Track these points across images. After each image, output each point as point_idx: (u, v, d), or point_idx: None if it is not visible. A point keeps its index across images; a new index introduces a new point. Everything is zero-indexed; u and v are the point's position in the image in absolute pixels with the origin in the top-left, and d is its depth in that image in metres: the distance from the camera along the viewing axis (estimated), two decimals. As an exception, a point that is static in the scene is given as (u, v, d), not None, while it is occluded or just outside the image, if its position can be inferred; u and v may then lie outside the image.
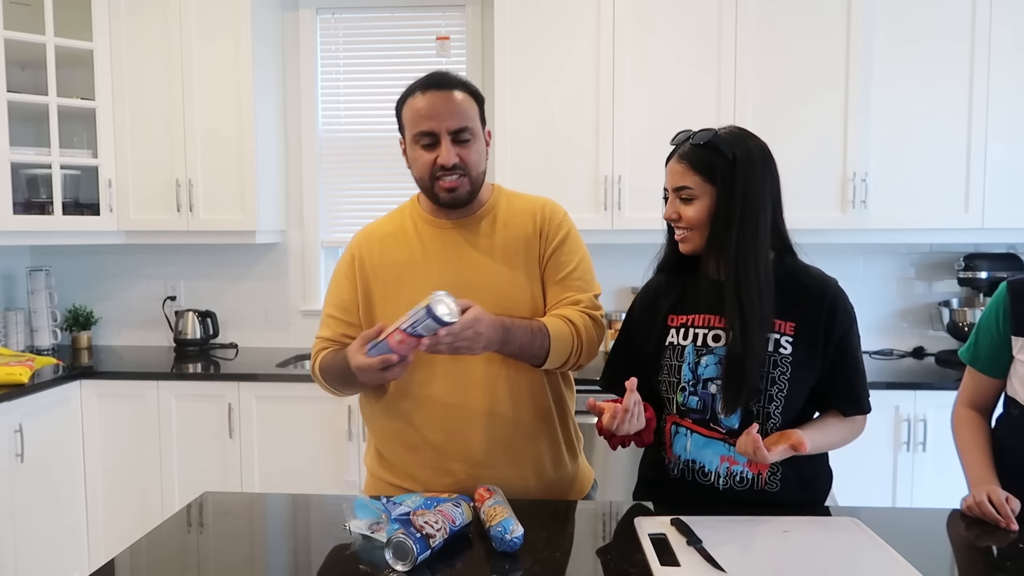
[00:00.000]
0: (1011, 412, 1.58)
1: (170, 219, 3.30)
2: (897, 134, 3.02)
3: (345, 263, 1.69)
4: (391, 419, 1.64)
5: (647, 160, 3.08)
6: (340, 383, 1.62)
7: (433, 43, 3.52)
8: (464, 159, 1.56)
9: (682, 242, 1.51)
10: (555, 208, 1.68)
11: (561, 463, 1.69)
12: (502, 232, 1.63)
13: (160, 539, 1.41)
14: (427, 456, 1.61)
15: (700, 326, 1.50)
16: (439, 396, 1.59)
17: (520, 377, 1.61)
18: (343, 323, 1.66)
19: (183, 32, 3.23)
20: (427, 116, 1.54)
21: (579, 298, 1.62)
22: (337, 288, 1.69)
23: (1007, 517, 1.38)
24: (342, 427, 2.97)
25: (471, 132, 1.57)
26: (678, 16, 3.04)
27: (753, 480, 1.47)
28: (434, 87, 1.56)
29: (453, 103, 1.55)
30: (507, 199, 1.69)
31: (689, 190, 1.46)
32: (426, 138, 1.55)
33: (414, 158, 1.60)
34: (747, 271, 1.41)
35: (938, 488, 2.76)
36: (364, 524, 1.38)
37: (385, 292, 1.63)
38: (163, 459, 3.04)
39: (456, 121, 1.55)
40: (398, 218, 1.71)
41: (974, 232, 3.05)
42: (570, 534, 1.40)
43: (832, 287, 1.48)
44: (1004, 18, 2.94)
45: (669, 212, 1.50)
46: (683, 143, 1.50)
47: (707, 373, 1.47)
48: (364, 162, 3.58)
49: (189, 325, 3.53)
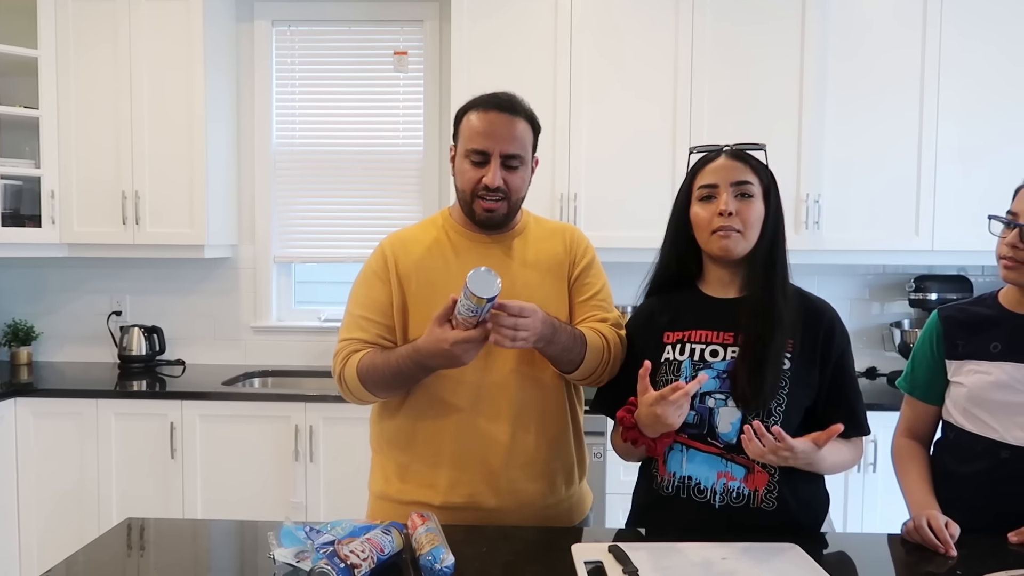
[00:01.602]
0: (948, 436, 1.59)
1: (115, 232, 3.20)
2: (850, 157, 3.05)
3: (377, 265, 1.66)
4: (415, 427, 1.62)
5: (604, 178, 3.08)
6: (387, 383, 1.57)
7: (391, 58, 3.48)
8: (508, 184, 1.58)
9: (724, 240, 1.44)
10: (580, 233, 1.75)
11: (572, 481, 1.70)
12: (534, 250, 1.67)
13: (73, 568, 1.33)
14: (446, 467, 1.60)
15: (697, 341, 1.49)
16: (464, 406, 1.59)
17: (545, 390, 1.63)
18: (379, 325, 1.63)
19: (133, 39, 3.15)
20: (484, 135, 1.56)
21: (606, 316, 1.68)
22: (368, 289, 1.65)
23: (946, 543, 1.37)
24: (288, 447, 2.89)
25: (521, 160, 1.60)
26: (634, 38, 3.05)
27: (750, 497, 1.45)
28: (498, 108, 1.58)
29: (512, 128, 1.58)
30: (535, 220, 1.74)
31: (751, 186, 1.45)
32: (478, 156, 1.57)
33: (461, 171, 1.61)
34: (785, 286, 1.47)
35: (889, 508, 2.76)
36: (289, 553, 1.32)
37: (418, 299, 1.61)
38: (101, 481, 2.93)
39: (511, 146, 1.57)
40: (431, 228, 1.70)
41: (925, 254, 3.09)
42: (504, 562, 1.35)
43: (830, 309, 1.52)
44: (953, 44, 3.00)
45: (729, 205, 1.43)
46: (727, 148, 1.50)
47: (705, 387, 1.45)
48: (319, 177, 3.52)
49: (134, 341, 3.43)
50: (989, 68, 3.00)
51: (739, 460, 1.45)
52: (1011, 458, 1.46)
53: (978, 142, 3.01)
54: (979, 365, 1.51)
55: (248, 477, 2.92)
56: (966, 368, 1.53)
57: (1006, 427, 1.47)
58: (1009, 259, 1.46)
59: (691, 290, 1.56)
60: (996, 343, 1.50)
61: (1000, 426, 1.48)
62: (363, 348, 1.61)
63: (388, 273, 1.64)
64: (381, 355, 1.57)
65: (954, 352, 1.55)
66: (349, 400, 1.65)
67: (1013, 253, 1.45)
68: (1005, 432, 1.47)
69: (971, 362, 1.53)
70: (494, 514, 1.58)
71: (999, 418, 1.48)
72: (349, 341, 1.63)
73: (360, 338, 1.62)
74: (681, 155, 3.03)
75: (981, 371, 1.51)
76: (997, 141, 3.00)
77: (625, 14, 3.04)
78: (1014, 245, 1.45)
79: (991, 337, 1.51)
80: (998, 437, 1.48)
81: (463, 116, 1.62)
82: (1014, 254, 1.45)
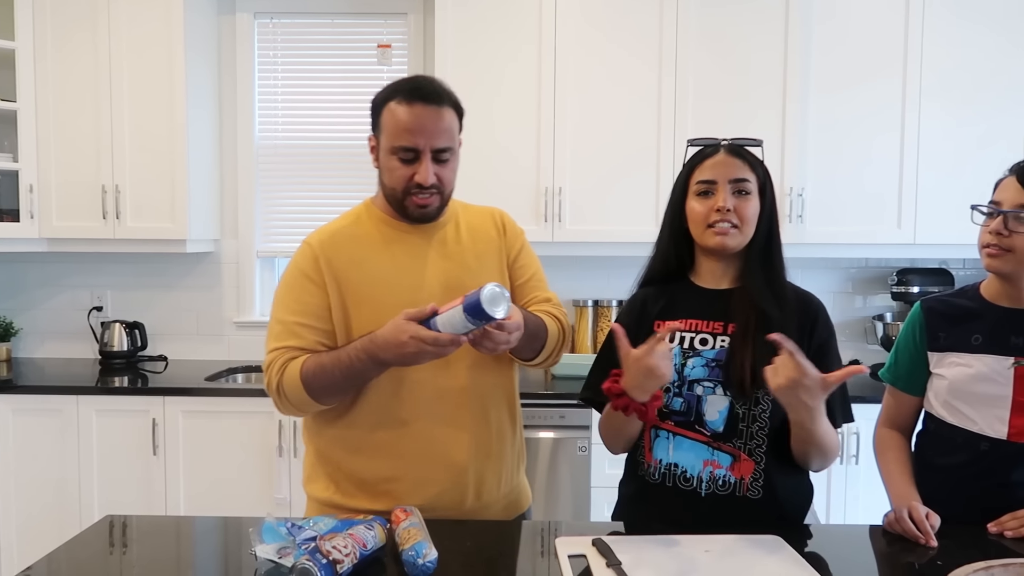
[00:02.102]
0: (929, 427, 1.60)
1: (96, 226, 3.16)
2: (833, 151, 3.06)
3: (307, 266, 1.55)
4: (371, 431, 1.55)
5: (588, 173, 3.07)
6: (337, 385, 1.49)
7: (374, 51, 3.46)
8: (441, 178, 1.53)
9: (721, 236, 1.45)
10: (509, 215, 1.72)
11: (519, 471, 1.71)
12: (468, 237, 1.64)
13: (53, 566, 1.31)
14: (409, 468, 1.55)
15: (688, 330, 1.50)
16: (422, 411, 1.54)
17: (499, 385, 1.63)
18: (317, 330, 1.53)
19: (112, 32, 3.11)
20: (411, 131, 1.49)
21: (548, 296, 1.67)
22: (300, 292, 1.55)
23: (926, 533, 1.38)
24: (272, 443, 2.88)
25: (451, 152, 1.54)
26: (620, 32, 3.04)
27: (736, 485, 1.45)
28: (422, 100, 1.50)
29: (440, 121, 1.51)
30: (462, 207, 1.70)
31: (748, 183, 1.46)
32: (407, 153, 1.51)
33: (388, 168, 1.54)
34: (782, 278, 1.49)
35: (871, 500, 2.78)
36: (271, 549, 1.31)
37: (360, 296, 1.54)
38: (82, 478, 2.90)
39: (441, 140, 1.51)
40: (358, 221, 1.63)
41: (907, 247, 3.11)
42: (488, 557, 1.35)
43: (816, 301, 1.53)
44: (936, 38, 3.01)
45: (727, 202, 1.43)
46: (727, 142, 1.50)
47: (694, 375, 1.46)
48: (302, 170, 3.49)
49: (116, 337, 3.39)
50: (970, 63, 3.02)
51: (725, 448, 1.45)
52: (990, 450, 1.47)
53: (959, 137, 3.03)
54: (960, 357, 1.52)
55: (231, 473, 2.90)
56: (948, 360, 1.54)
57: (986, 420, 1.48)
58: (994, 247, 1.45)
59: (683, 281, 1.56)
60: (977, 335, 1.51)
61: (980, 418, 1.48)
62: (299, 355, 1.52)
63: (321, 274, 1.54)
64: (328, 355, 1.49)
65: (936, 344, 1.56)
66: (286, 412, 1.58)
67: (998, 240, 1.44)
68: (985, 425, 1.48)
69: (952, 354, 1.53)
70: (458, 514, 1.55)
71: (979, 411, 1.49)
72: (282, 350, 1.53)
73: (295, 345, 1.52)
74: (666, 147, 3.04)
75: (962, 363, 1.51)
76: (978, 136, 3.02)
77: (609, 5, 3.04)
78: (998, 232, 1.44)
79: (972, 329, 1.52)
80: (978, 430, 1.48)
81: (383, 106, 1.54)
82: (999, 241, 1.44)
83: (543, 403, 2.83)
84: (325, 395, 1.51)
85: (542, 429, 2.83)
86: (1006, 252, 1.44)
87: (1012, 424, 1.45)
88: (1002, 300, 1.52)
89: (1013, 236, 1.43)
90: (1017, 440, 1.45)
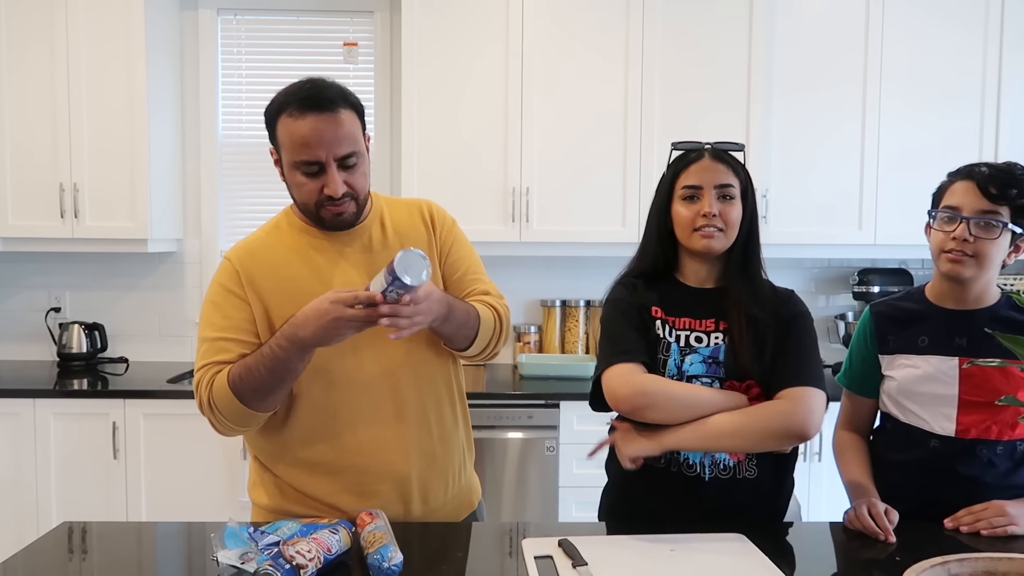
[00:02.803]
0: (885, 426, 1.64)
1: (53, 226, 3.09)
2: (796, 153, 3.11)
3: (228, 281, 1.50)
4: (307, 445, 1.50)
5: (556, 172, 3.08)
6: (264, 383, 1.40)
7: (340, 49, 3.43)
8: (352, 184, 1.46)
9: (707, 239, 1.48)
10: (438, 206, 1.66)
11: (465, 469, 1.66)
12: (395, 237, 1.57)
13: (8, 574, 1.28)
14: (349, 482, 1.50)
15: (682, 328, 1.52)
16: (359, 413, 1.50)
17: (438, 380, 1.57)
18: (244, 343, 1.46)
19: (70, 26, 3.03)
20: (310, 145, 1.41)
21: (486, 288, 1.61)
22: (224, 309, 1.49)
23: (885, 529, 1.41)
24: (236, 445, 2.83)
25: (358, 155, 1.46)
26: (586, 32, 3.05)
27: (735, 468, 1.48)
28: (315, 109, 1.41)
29: (339, 128, 1.42)
30: (387, 203, 1.63)
31: (733, 188, 1.50)
32: (310, 167, 1.43)
33: (296, 183, 1.47)
34: (761, 275, 1.55)
35: (834, 497, 2.82)
36: (234, 555, 1.28)
37: (282, 308, 1.46)
38: (40, 484, 2.83)
39: (343, 148, 1.43)
40: (279, 233, 1.57)
41: (868, 248, 3.17)
42: (454, 559, 1.34)
43: (794, 296, 1.57)
44: (896, 41, 3.07)
45: (713, 207, 1.47)
46: (712, 147, 1.53)
47: (692, 371, 1.49)
48: (267, 169, 3.38)
49: (74, 338, 3.32)
50: (929, 68, 3.08)
51: None
52: (940, 447, 1.51)
53: (919, 139, 3.09)
54: (908, 359, 1.56)
55: (195, 477, 2.86)
56: (897, 362, 1.58)
57: (934, 418, 1.52)
58: (958, 252, 1.46)
59: (670, 280, 1.58)
60: (924, 337, 1.55)
61: (929, 417, 1.53)
62: (227, 367, 1.45)
63: (243, 289, 1.49)
64: (252, 355, 1.43)
65: (885, 347, 1.60)
66: (223, 431, 1.48)
67: (962, 247, 1.46)
68: (934, 423, 1.52)
69: (901, 356, 1.57)
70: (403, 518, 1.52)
71: (928, 409, 1.53)
72: (210, 366, 1.45)
73: (221, 360, 1.45)
74: (633, 148, 3.06)
75: (910, 364, 1.55)
76: (936, 139, 3.09)
77: (576, 5, 3.05)
78: (963, 239, 1.45)
79: (919, 331, 1.56)
80: (928, 428, 1.53)
81: (276, 120, 1.45)
82: (963, 247, 1.46)
83: (511, 403, 2.83)
84: (255, 398, 1.42)
85: (510, 430, 2.83)
86: (970, 258, 1.46)
87: (959, 421, 1.50)
88: (946, 302, 1.55)
89: (978, 242, 1.45)
90: (964, 436, 1.50)
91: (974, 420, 1.49)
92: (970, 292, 1.52)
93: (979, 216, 1.46)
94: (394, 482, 1.51)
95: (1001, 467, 1.49)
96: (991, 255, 1.46)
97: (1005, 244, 1.48)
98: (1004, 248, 1.48)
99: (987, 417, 1.48)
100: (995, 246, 1.46)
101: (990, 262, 1.47)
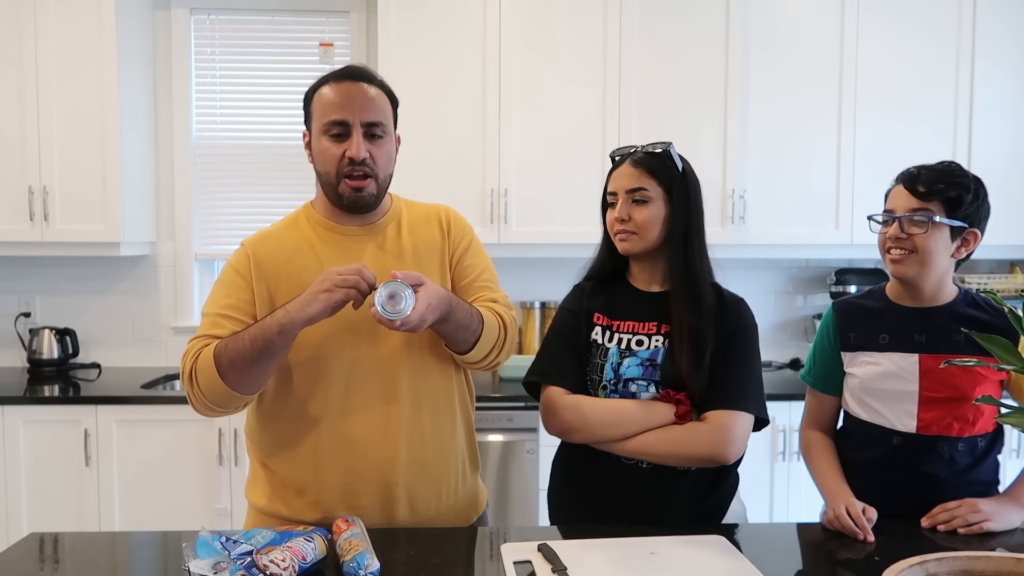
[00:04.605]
0: (847, 425, 1.66)
1: (22, 229, 3.02)
2: (773, 155, 3.12)
3: (240, 264, 1.54)
4: (298, 442, 1.50)
5: (534, 174, 3.07)
6: (245, 357, 1.38)
7: (316, 49, 3.40)
8: (374, 157, 1.49)
9: (623, 242, 1.54)
10: (456, 213, 1.67)
11: (466, 479, 1.63)
12: (410, 237, 1.59)
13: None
14: (337, 480, 1.49)
15: (624, 331, 1.54)
16: (356, 408, 1.49)
17: (439, 384, 1.56)
18: (240, 323, 1.47)
19: (39, 26, 2.98)
20: (340, 105, 1.47)
21: (495, 296, 1.61)
22: (229, 288, 1.52)
23: (864, 529, 1.41)
24: (212, 451, 2.79)
25: (384, 129, 1.51)
26: (565, 34, 3.05)
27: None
28: (349, 78, 1.49)
29: (368, 95, 1.49)
30: (407, 205, 1.65)
31: (644, 192, 1.52)
32: (337, 127, 1.47)
33: (321, 151, 1.50)
34: (701, 279, 1.52)
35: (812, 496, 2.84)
36: (206, 565, 1.25)
37: (287, 297, 1.46)
38: (8, 493, 2.77)
39: (370, 114, 1.48)
40: (295, 225, 1.59)
41: (844, 248, 3.19)
42: (432, 565, 1.32)
43: (742, 304, 1.56)
44: (870, 44, 3.10)
45: (621, 212, 1.52)
46: (633, 152, 1.56)
47: (629, 373, 1.51)
48: (242, 170, 3.41)
49: (45, 344, 3.25)
50: (904, 70, 3.11)
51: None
52: (902, 444, 1.53)
53: (894, 140, 3.12)
54: (870, 356, 1.58)
55: (169, 485, 2.81)
56: (859, 359, 1.60)
57: (896, 415, 1.54)
58: (897, 251, 1.51)
59: (622, 282, 1.62)
60: (884, 335, 1.57)
61: (890, 414, 1.55)
62: (216, 341, 1.45)
63: (251, 273, 1.52)
64: (247, 328, 1.43)
65: (847, 344, 1.62)
66: (198, 409, 1.47)
67: (899, 244, 1.50)
68: (895, 420, 1.54)
69: (863, 353, 1.59)
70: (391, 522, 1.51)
71: (889, 406, 1.55)
72: (202, 338, 1.47)
73: (215, 334, 1.46)
74: (610, 149, 3.04)
75: (871, 362, 1.57)
76: (911, 139, 3.12)
77: (554, 7, 3.04)
78: (897, 237, 1.50)
79: (879, 328, 1.58)
80: (889, 425, 1.55)
81: (312, 96, 1.52)
82: (900, 245, 1.50)
83: (491, 406, 2.82)
84: (232, 371, 1.39)
85: (490, 432, 2.81)
86: (910, 254, 1.50)
87: (920, 418, 1.52)
88: (905, 300, 1.59)
89: (912, 237, 1.50)
90: (925, 433, 1.51)
91: (935, 416, 1.51)
92: (924, 291, 1.55)
93: (909, 213, 1.50)
94: (379, 486, 1.50)
95: (962, 463, 1.52)
96: (929, 248, 1.49)
97: (945, 239, 1.50)
98: (946, 243, 1.50)
99: (947, 413, 1.50)
100: (930, 239, 1.49)
101: (930, 256, 1.49)
